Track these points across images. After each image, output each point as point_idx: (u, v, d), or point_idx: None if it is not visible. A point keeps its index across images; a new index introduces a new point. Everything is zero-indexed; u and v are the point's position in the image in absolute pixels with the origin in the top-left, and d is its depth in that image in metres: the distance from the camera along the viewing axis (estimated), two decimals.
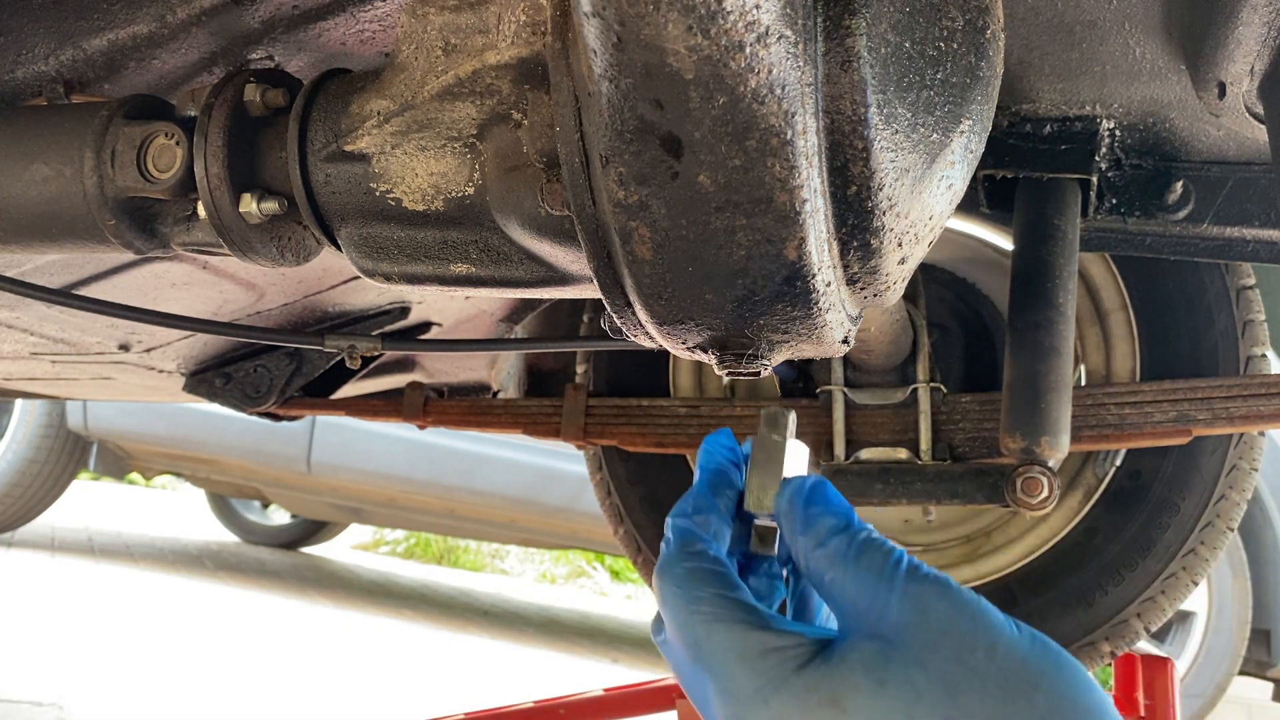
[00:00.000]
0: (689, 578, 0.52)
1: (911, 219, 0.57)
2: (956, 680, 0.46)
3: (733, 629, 0.49)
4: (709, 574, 0.52)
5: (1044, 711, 0.45)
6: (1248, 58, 0.86)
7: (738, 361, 0.59)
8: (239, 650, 3.16)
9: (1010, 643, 0.47)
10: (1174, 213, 1.20)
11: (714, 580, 0.51)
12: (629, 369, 1.68)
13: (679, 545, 0.54)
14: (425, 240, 0.65)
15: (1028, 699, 0.45)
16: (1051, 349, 1.19)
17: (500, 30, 0.60)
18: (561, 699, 1.46)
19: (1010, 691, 0.45)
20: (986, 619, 0.47)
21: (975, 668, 0.46)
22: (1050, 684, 0.45)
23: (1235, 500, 1.43)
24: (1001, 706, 0.45)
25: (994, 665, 0.46)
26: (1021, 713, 0.45)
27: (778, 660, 0.48)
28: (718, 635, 0.49)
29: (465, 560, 7.96)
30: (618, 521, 1.72)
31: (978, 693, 0.45)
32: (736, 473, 0.58)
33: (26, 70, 0.84)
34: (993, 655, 0.46)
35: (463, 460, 4.23)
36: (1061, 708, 0.45)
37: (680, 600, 0.51)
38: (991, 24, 0.57)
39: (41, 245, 0.77)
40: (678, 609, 0.51)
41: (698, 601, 0.51)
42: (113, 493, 9.16)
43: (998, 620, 0.48)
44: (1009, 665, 0.46)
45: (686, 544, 0.53)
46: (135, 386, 1.83)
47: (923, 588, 0.48)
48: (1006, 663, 0.46)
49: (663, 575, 0.53)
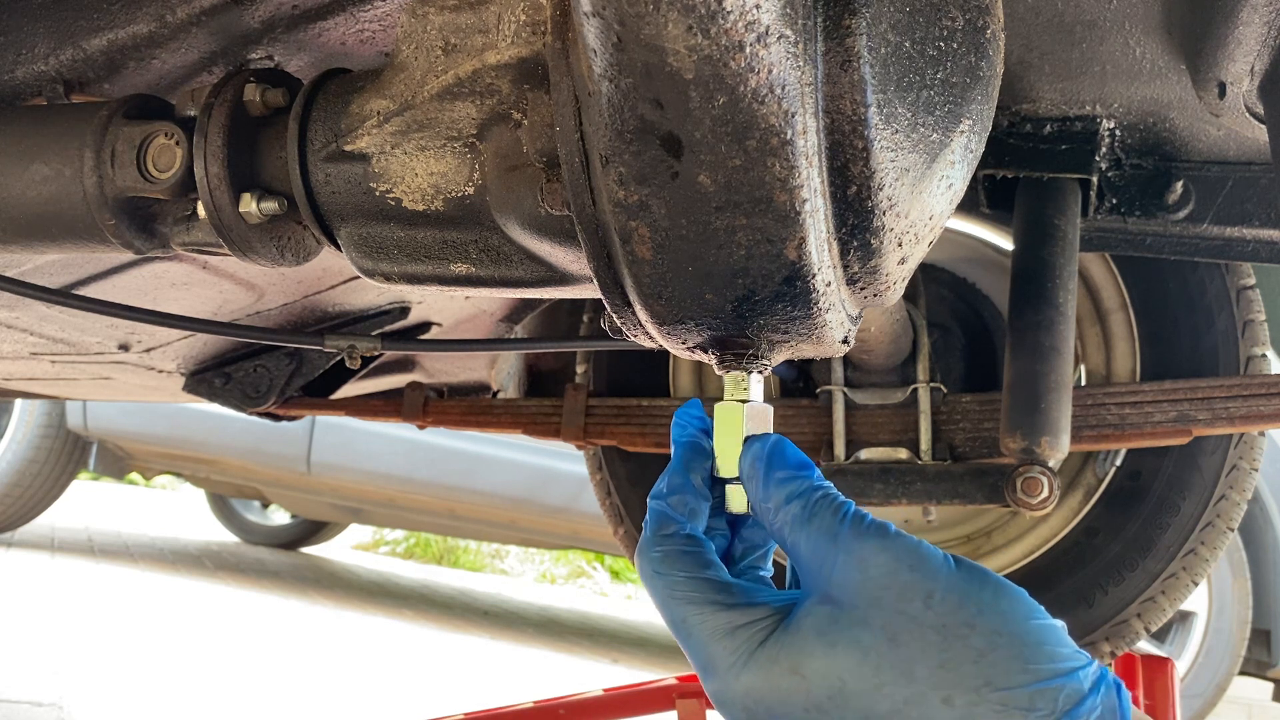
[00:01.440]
0: (664, 560, 0.55)
1: (911, 219, 0.57)
2: (898, 632, 0.49)
3: (703, 610, 0.53)
4: (682, 555, 0.55)
5: (980, 649, 0.48)
6: (1248, 57, 0.86)
7: (738, 361, 0.59)
8: (239, 650, 3.16)
9: (947, 588, 0.49)
10: (1174, 213, 1.20)
11: (687, 561, 0.54)
12: (629, 369, 1.68)
13: (654, 529, 0.56)
14: (425, 240, 0.65)
15: (964, 640, 0.48)
16: (1051, 349, 1.19)
17: (500, 30, 0.60)
18: (561, 699, 1.46)
19: (948, 635, 0.48)
20: (925, 566, 0.50)
21: (915, 617, 0.49)
22: (986, 622, 0.48)
23: (1235, 500, 1.43)
24: (940, 652, 0.48)
25: (931, 612, 0.49)
26: (959, 654, 0.48)
27: (745, 636, 0.51)
28: (693, 616, 0.53)
29: (465, 560, 7.96)
30: (618, 521, 1.72)
31: (918, 641, 0.48)
32: (708, 440, 0.60)
33: (26, 70, 0.84)
34: (929, 603, 0.49)
35: (463, 460, 4.23)
36: (997, 644, 0.48)
37: (658, 583, 0.55)
38: (991, 24, 0.57)
39: (41, 245, 0.77)
40: (657, 591, 0.55)
41: (673, 585, 0.54)
42: (113, 493, 9.16)
43: (936, 565, 0.50)
44: (945, 610, 0.49)
45: (660, 526, 0.56)
46: (135, 386, 1.83)
47: (865, 544, 0.51)
48: (943, 608, 0.49)
49: (641, 558, 0.56)
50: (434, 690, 2.98)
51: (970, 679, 0.47)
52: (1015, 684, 0.47)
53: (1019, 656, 0.48)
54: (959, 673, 0.48)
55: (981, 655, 0.48)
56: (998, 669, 0.47)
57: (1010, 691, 0.47)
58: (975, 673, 0.48)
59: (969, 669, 0.48)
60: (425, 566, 7.60)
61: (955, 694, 0.47)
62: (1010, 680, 0.47)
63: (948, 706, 0.47)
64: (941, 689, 0.48)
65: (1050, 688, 0.47)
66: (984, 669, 0.48)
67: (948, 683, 0.48)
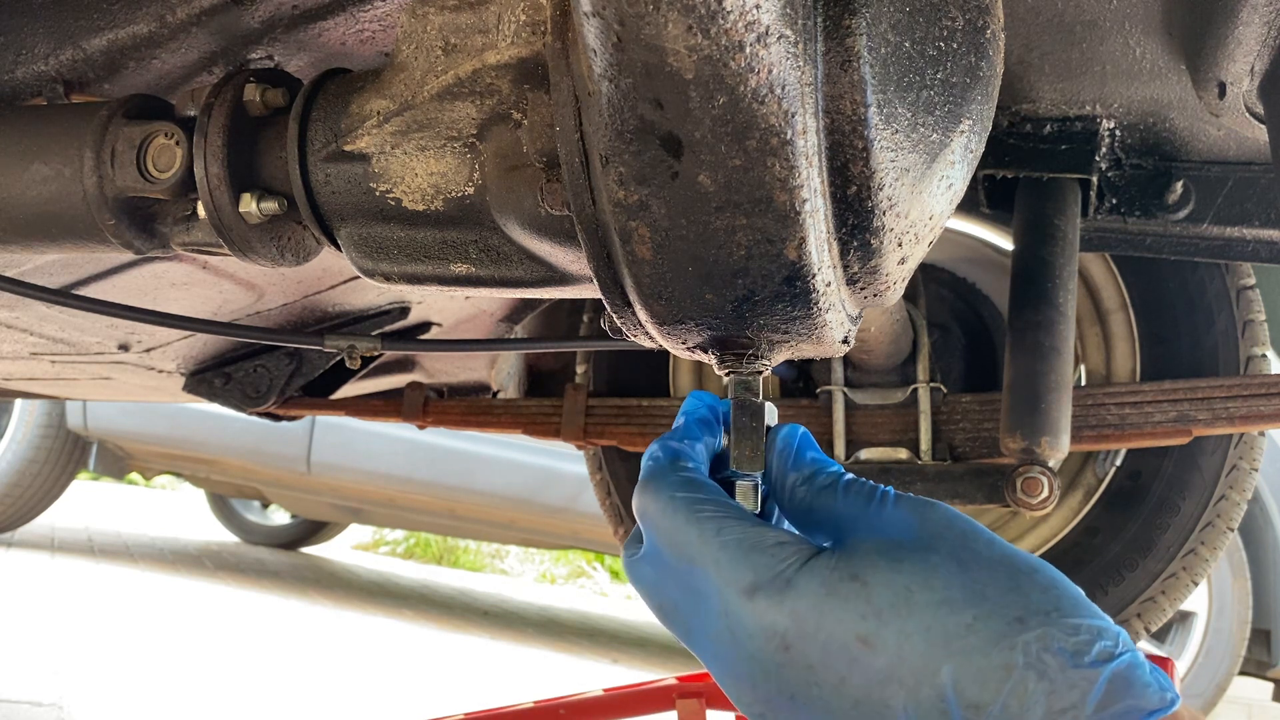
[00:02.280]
0: (686, 484, 0.54)
1: (911, 219, 0.57)
2: (967, 560, 0.49)
3: (741, 524, 0.51)
4: (703, 483, 0.54)
5: (1046, 584, 0.49)
6: (1248, 57, 0.86)
7: (738, 361, 0.59)
8: (239, 650, 3.16)
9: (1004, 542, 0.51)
10: (1174, 213, 1.20)
11: (710, 489, 0.54)
12: (629, 369, 1.68)
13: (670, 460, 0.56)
14: (425, 240, 0.65)
15: (1029, 577, 0.49)
16: (1051, 349, 1.19)
17: (500, 30, 0.60)
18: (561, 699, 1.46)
19: (1014, 571, 0.49)
20: (978, 525, 0.52)
21: (980, 552, 0.50)
22: (1044, 571, 0.50)
23: (1235, 500, 1.43)
24: (1009, 579, 0.49)
25: (995, 551, 0.50)
26: (1027, 584, 0.49)
27: (791, 550, 0.51)
28: (728, 530, 0.51)
29: (465, 560, 7.96)
30: (618, 521, 1.72)
31: (987, 569, 0.49)
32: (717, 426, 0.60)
33: (26, 70, 0.84)
34: (993, 546, 0.50)
35: (463, 460, 4.23)
36: (1059, 583, 0.49)
37: (680, 503, 0.53)
38: (991, 24, 0.57)
39: (41, 245, 0.77)
40: (676, 511, 0.52)
41: (700, 504, 0.52)
42: (113, 493, 9.16)
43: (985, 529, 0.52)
44: (1008, 552, 0.50)
45: (677, 459, 0.56)
46: (135, 386, 1.83)
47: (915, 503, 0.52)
48: (1005, 550, 0.50)
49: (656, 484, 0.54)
50: (434, 690, 2.98)
51: (1042, 603, 0.48)
52: (1082, 615, 0.48)
53: (1079, 600, 0.49)
54: (1030, 597, 0.48)
55: (1049, 588, 0.49)
56: (1066, 600, 0.48)
57: (1079, 620, 0.47)
58: (1046, 599, 0.48)
59: (1039, 595, 0.48)
60: (425, 566, 7.60)
61: (1027, 615, 0.47)
62: (1078, 612, 0.48)
63: (1020, 625, 0.47)
64: (1014, 609, 0.48)
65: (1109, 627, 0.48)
66: (1054, 598, 0.48)
67: (1019, 604, 0.48)
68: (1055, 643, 0.46)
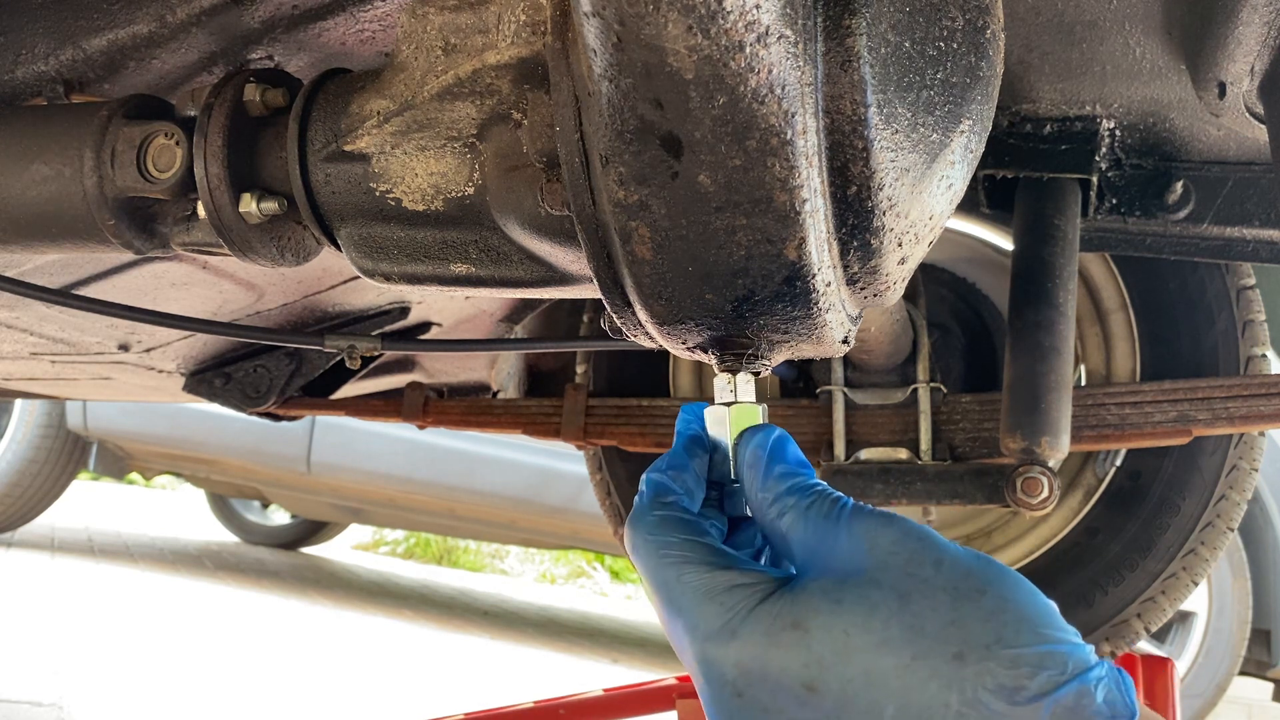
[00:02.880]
0: (659, 525, 0.54)
1: (911, 219, 0.57)
2: (908, 591, 0.49)
3: (699, 569, 0.52)
4: (677, 521, 0.54)
5: (990, 610, 0.48)
6: (1248, 58, 0.86)
7: (738, 361, 0.59)
8: (239, 650, 3.16)
9: (955, 558, 0.50)
10: (1174, 213, 1.20)
11: (682, 527, 0.54)
12: (629, 369, 1.68)
13: (651, 496, 0.56)
14: (425, 240, 0.65)
15: (974, 602, 0.48)
16: (1051, 349, 1.19)
17: (500, 30, 0.60)
18: (561, 699, 1.46)
19: (959, 597, 0.48)
20: (931, 540, 0.50)
21: (925, 579, 0.49)
22: (996, 589, 0.48)
23: (1235, 500, 1.43)
24: (951, 610, 0.48)
25: (942, 576, 0.49)
26: (970, 613, 0.48)
27: (743, 594, 0.51)
28: (686, 575, 0.52)
29: (465, 560, 7.96)
30: (618, 521, 1.72)
31: (929, 599, 0.48)
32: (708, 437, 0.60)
33: (26, 70, 0.84)
34: (940, 568, 0.49)
35: (463, 460, 4.23)
36: (1006, 607, 0.48)
37: (650, 546, 0.54)
38: (991, 24, 0.57)
39: (41, 245, 0.77)
40: (648, 555, 0.54)
41: (667, 547, 0.53)
42: (113, 493, 9.16)
43: (943, 541, 0.51)
44: (955, 575, 0.49)
45: (659, 495, 0.56)
46: (135, 386, 1.83)
47: (869, 522, 0.51)
48: (953, 573, 0.49)
49: (634, 525, 0.55)
50: (434, 690, 2.98)
51: (981, 636, 0.47)
52: (1025, 643, 0.47)
53: (1029, 620, 0.48)
54: (969, 630, 0.47)
55: (992, 615, 0.48)
56: (1009, 629, 0.47)
57: (1022, 650, 0.47)
58: (986, 630, 0.47)
59: (979, 626, 0.47)
60: (425, 566, 7.59)
61: (966, 650, 0.47)
62: (1020, 640, 0.47)
63: (958, 662, 0.47)
64: (951, 644, 0.47)
65: (1060, 651, 0.47)
66: (995, 628, 0.47)
67: (957, 639, 0.47)
68: (993, 679, 0.46)
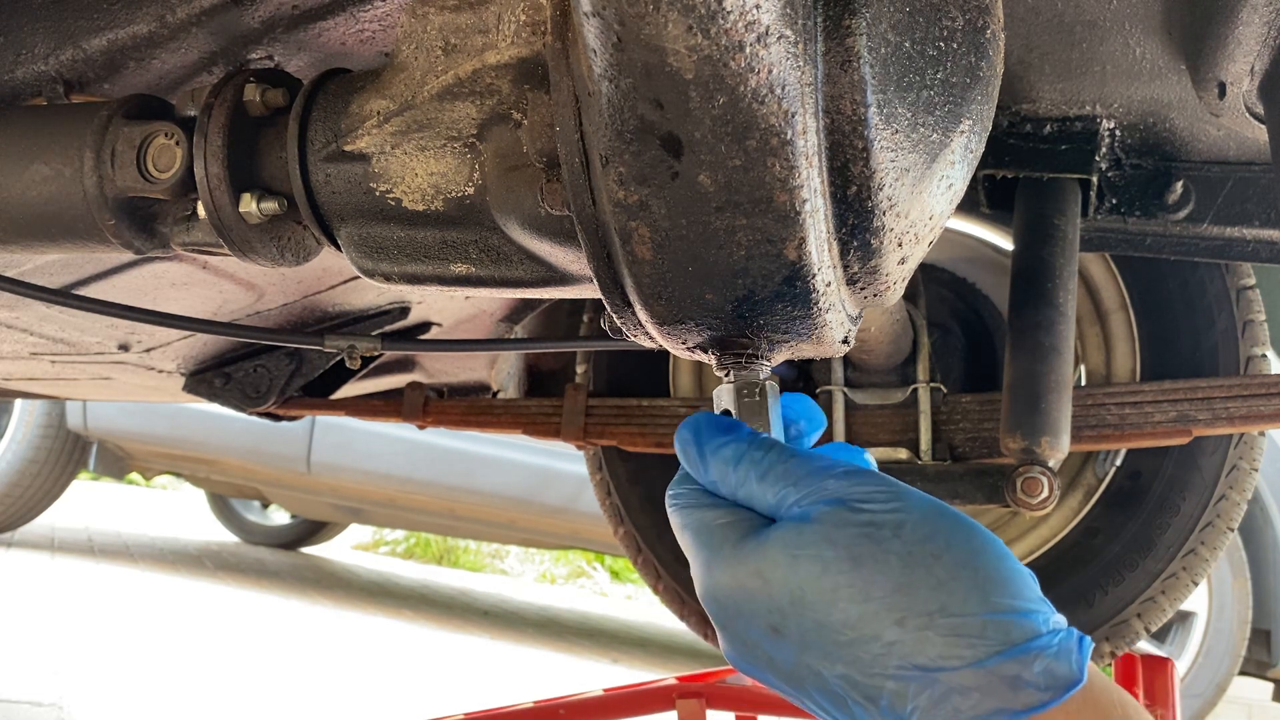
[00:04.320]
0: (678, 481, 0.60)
1: (911, 219, 0.57)
2: (861, 555, 0.50)
3: (697, 510, 0.57)
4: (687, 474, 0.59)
5: (941, 579, 0.49)
6: (1248, 57, 0.86)
7: (738, 361, 0.59)
8: (239, 650, 3.16)
9: (919, 521, 0.51)
10: (1174, 213, 1.20)
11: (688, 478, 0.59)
12: (629, 369, 1.68)
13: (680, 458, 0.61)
14: (425, 240, 0.65)
15: (926, 568, 0.49)
16: (1051, 349, 1.19)
17: (500, 30, 0.60)
18: (561, 699, 1.46)
19: (911, 563, 0.50)
20: (899, 501, 0.52)
21: (881, 543, 0.50)
22: (953, 555, 0.50)
23: (1235, 500, 1.43)
24: (901, 575, 0.49)
25: (899, 542, 0.50)
26: (919, 580, 0.49)
27: (721, 534, 0.55)
28: (689, 516, 0.57)
29: (465, 560, 7.96)
30: (618, 521, 1.72)
31: (879, 565, 0.50)
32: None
33: (26, 70, 0.84)
34: (899, 532, 0.50)
35: (463, 460, 4.23)
36: (959, 575, 0.49)
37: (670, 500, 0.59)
38: (991, 24, 0.57)
39: (41, 245, 0.77)
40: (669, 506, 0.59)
41: (679, 496, 0.58)
42: (113, 493, 9.16)
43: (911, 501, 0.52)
44: (912, 541, 0.50)
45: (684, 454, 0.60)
46: (135, 386, 1.83)
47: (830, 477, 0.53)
48: (911, 539, 0.50)
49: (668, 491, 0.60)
50: (434, 690, 2.98)
51: (925, 603, 0.49)
52: (970, 612, 0.48)
53: (979, 588, 0.49)
54: (915, 597, 0.49)
55: (941, 584, 0.49)
56: (955, 597, 0.49)
57: (963, 619, 0.48)
58: (931, 598, 0.49)
59: (925, 594, 0.49)
60: (425, 566, 7.59)
61: (908, 616, 0.49)
62: (966, 608, 0.48)
63: (899, 627, 0.49)
64: (896, 610, 0.49)
65: (1004, 620, 0.48)
66: (941, 595, 0.49)
67: (902, 605, 0.49)
68: (931, 647, 0.48)
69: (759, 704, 1.39)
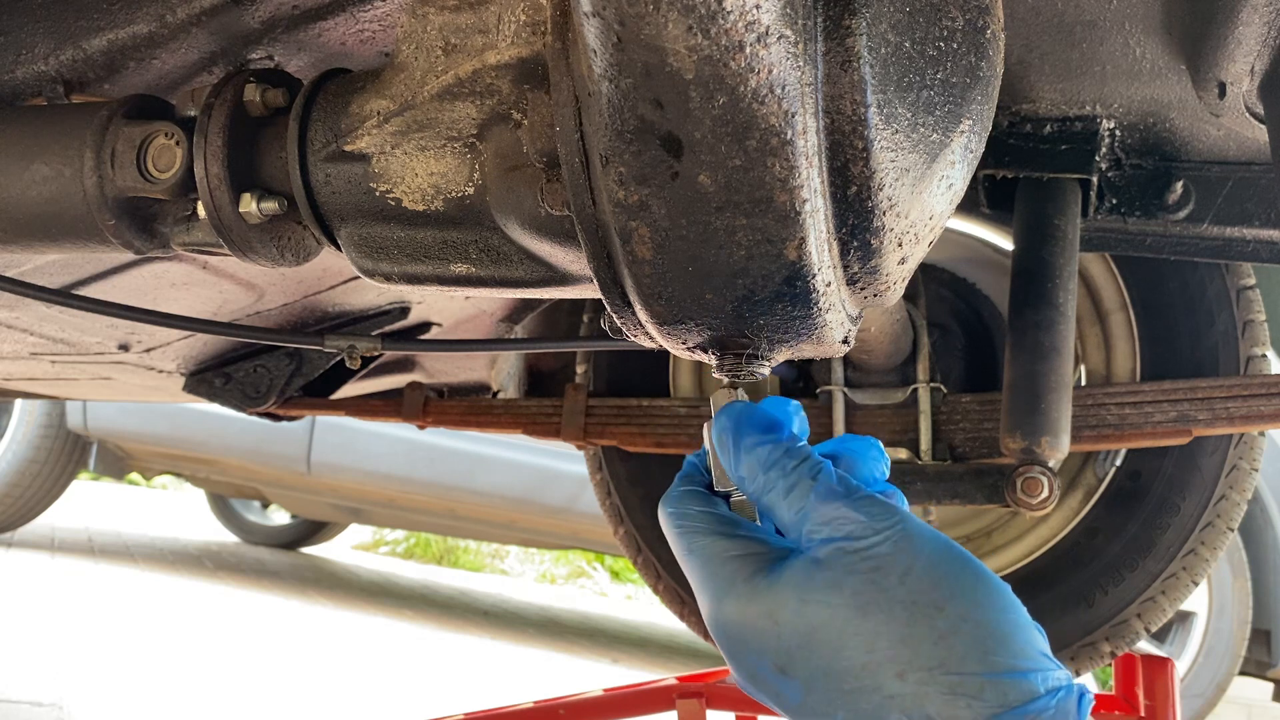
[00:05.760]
0: (681, 499, 0.59)
1: (912, 219, 0.57)
2: (867, 602, 0.50)
3: (706, 538, 0.56)
4: (696, 495, 0.59)
5: (943, 632, 0.49)
6: (1248, 58, 0.86)
7: (738, 361, 0.59)
8: (239, 650, 3.16)
9: (926, 566, 0.51)
10: (1174, 213, 1.20)
11: (699, 500, 0.59)
12: (629, 369, 1.68)
13: (681, 476, 0.61)
14: (425, 240, 0.65)
15: (929, 620, 0.49)
16: (1051, 349, 1.19)
17: (500, 30, 0.60)
18: (561, 699, 1.45)
19: (915, 613, 0.50)
20: (909, 543, 0.51)
21: (887, 590, 0.50)
22: (956, 607, 0.50)
23: (1235, 500, 1.43)
24: (905, 627, 0.50)
25: (904, 589, 0.50)
26: (922, 633, 0.49)
27: (736, 566, 0.55)
28: (696, 543, 0.57)
29: (465, 560, 7.96)
30: (618, 522, 1.72)
31: (885, 613, 0.50)
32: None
33: (26, 70, 0.84)
34: (905, 579, 0.51)
35: (463, 460, 4.23)
36: (960, 629, 0.49)
37: (672, 518, 0.59)
38: (991, 24, 0.57)
39: (41, 245, 0.77)
40: (670, 524, 0.59)
41: (685, 517, 0.58)
42: (113, 493, 9.16)
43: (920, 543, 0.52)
44: (919, 589, 0.50)
45: (687, 476, 0.61)
46: (135, 386, 1.83)
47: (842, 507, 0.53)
48: (917, 586, 0.50)
49: (663, 501, 0.60)
50: (434, 690, 2.98)
51: (926, 659, 0.49)
52: (968, 670, 0.48)
53: (980, 645, 0.49)
54: (917, 650, 0.49)
55: (943, 638, 0.49)
56: (955, 653, 0.49)
57: (962, 677, 0.48)
58: (932, 653, 0.49)
59: (927, 648, 0.49)
60: (425, 566, 7.59)
61: (909, 670, 0.49)
62: (965, 666, 0.48)
63: (900, 680, 0.49)
64: (897, 663, 0.49)
65: (1003, 681, 0.48)
66: (941, 651, 0.49)
67: (904, 659, 0.49)
68: (930, 704, 0.48)
69: (759, 704, 1.38)
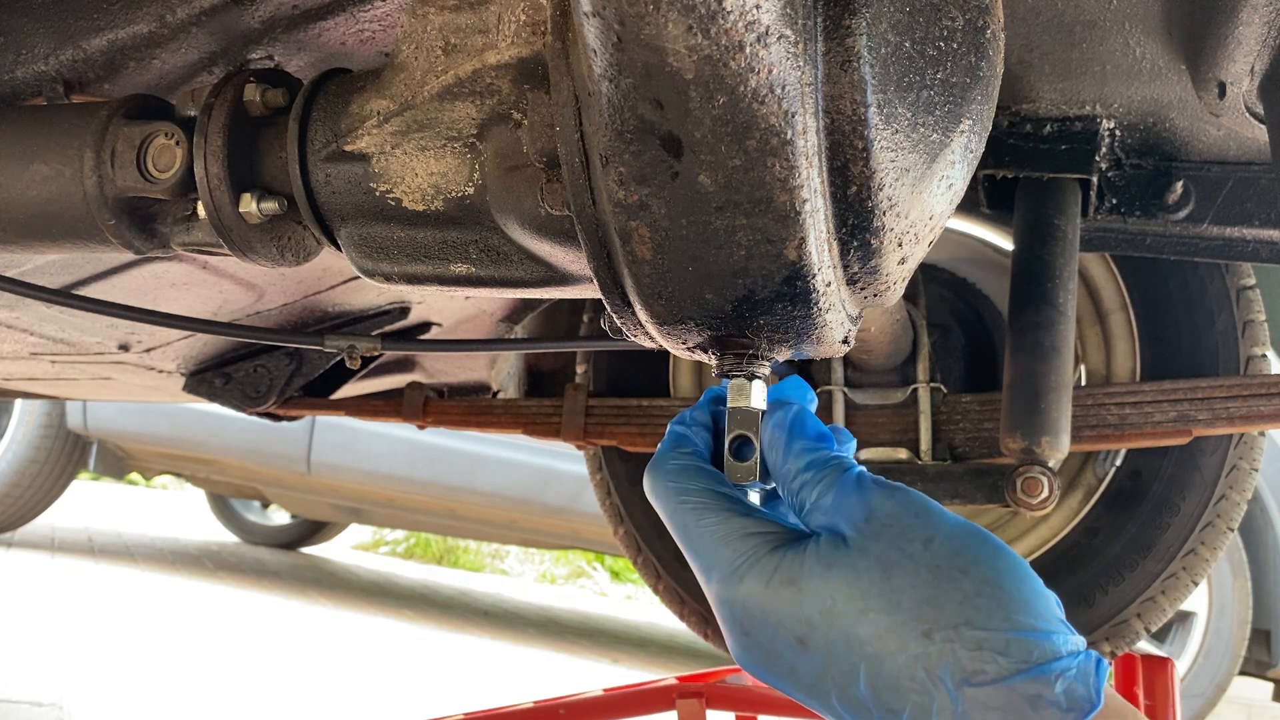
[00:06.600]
0: (679, 472, 0.58)
1: (912, 219, 0.57)
2: (892, 564, 0.52)
3: (719, 515, 0.56)
4: (696, 470, 0.58)
5: (967, 592, 0.50)
6: (1248, 57, 0.86)
7: (738, 361, 0.59)
8: (239, 650, 3.16)
9: (949, 536, 0.52)
10: (1174, 213, 1.20)
11: (700, 475, 0.58)
12: (629, 369, 1.68)
13: (671, 445, 0.60)
14: (425, 240, 0.65)
15: (954, 582, 0.51)
16: (1051, 349, 1.19)
17: (500, 30, 0.60)
18: (561, 699, 1.46)
19: (940, 575, 0.51)
20: (930, 517, 0.53)
21: (911, 554, 0.52)
22: (980, 571, 0.51)
23: (1235, 500, 1.43)
24: (929, 588, 0.51)
25: (928, 553, 0.52)
26: (947, 593, 0.50)
27: (755, 543, 0.55)
28: (704, 520, 0.56)
29: (465, 560, 7.96)
30: (618, 521, 1.72)
31: (910, 576, 0.51)
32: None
33: (26, 70, 0.84)
34: (929, 545, 0.52)
35: (463, 460, 4.23)
36: (984, 590, 0.50)
37: (670, 491, 0.58)
38: (991, 24, 0.57)
39: (41, 245, 0.77)
40: (668, 498, 0.57)
41: (687, 493, 0.57)
42: (113, 493, 9.16)
43: (941, 517, 0.53)
44: (942, 554, 0.52)
45: (678, 445, 0.59)
46: (135, 386, 1.83)
47: (875, 492, 0.54)
48: (940, 551, 0.52)
49: (654, 470, 0.59)
50: (434, 690, 2.98)
51: (952, 616, 0.50)
52: (994, 627, 0.49)
53: (1004, 606, 0.50)
54: (942, 609, 0.50)
55: (967, 598, 0.50)
56: (980, 612, 0.50)
57: (989, 633, 0.49)
58: (958, 612, 0.50)
59: (953, 608, 0.50)
60: (425, 566, 7.59)
61: (935, 629, 0.50)
62: (990, 623, 0.49)
63: (926, 639, 0.50)
64: (923, 622, 0.50)
65: (1028, 639, 0.49)
66: (967, 610, 0.50)
67: (929, 617, 0.50)
68: (955, 660, 0.49)
69: (759, 704, 1.39)
